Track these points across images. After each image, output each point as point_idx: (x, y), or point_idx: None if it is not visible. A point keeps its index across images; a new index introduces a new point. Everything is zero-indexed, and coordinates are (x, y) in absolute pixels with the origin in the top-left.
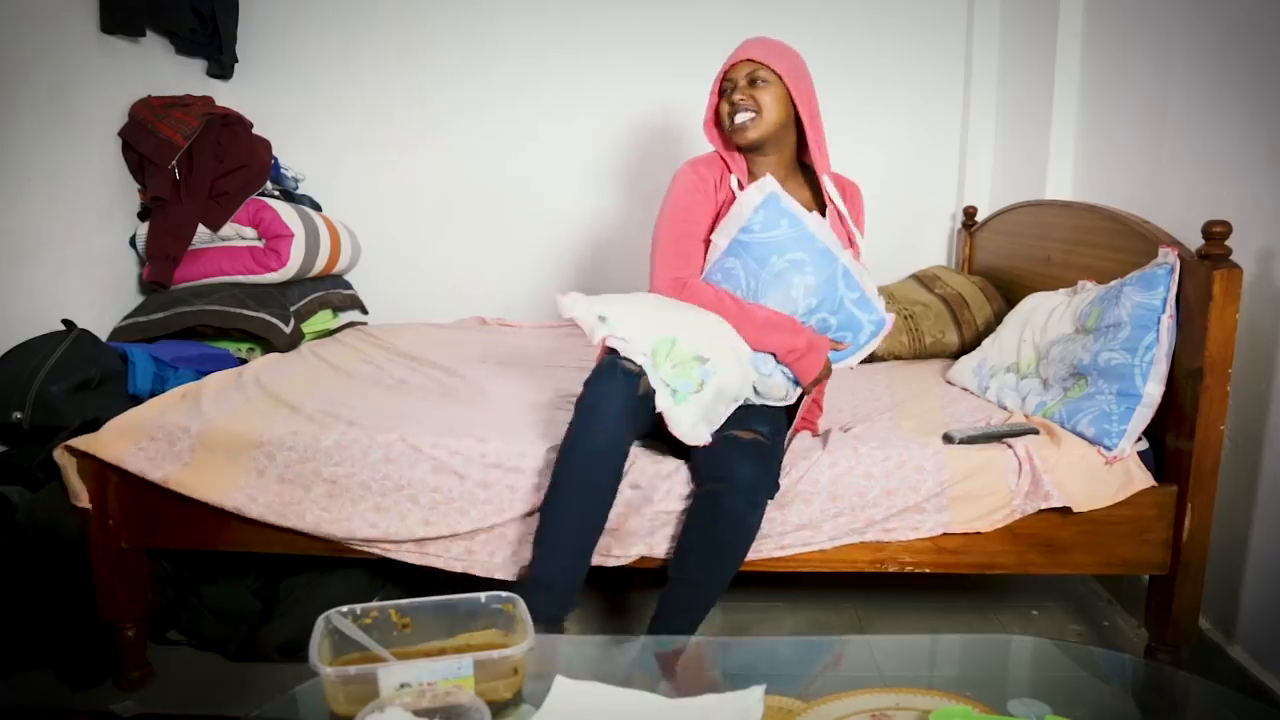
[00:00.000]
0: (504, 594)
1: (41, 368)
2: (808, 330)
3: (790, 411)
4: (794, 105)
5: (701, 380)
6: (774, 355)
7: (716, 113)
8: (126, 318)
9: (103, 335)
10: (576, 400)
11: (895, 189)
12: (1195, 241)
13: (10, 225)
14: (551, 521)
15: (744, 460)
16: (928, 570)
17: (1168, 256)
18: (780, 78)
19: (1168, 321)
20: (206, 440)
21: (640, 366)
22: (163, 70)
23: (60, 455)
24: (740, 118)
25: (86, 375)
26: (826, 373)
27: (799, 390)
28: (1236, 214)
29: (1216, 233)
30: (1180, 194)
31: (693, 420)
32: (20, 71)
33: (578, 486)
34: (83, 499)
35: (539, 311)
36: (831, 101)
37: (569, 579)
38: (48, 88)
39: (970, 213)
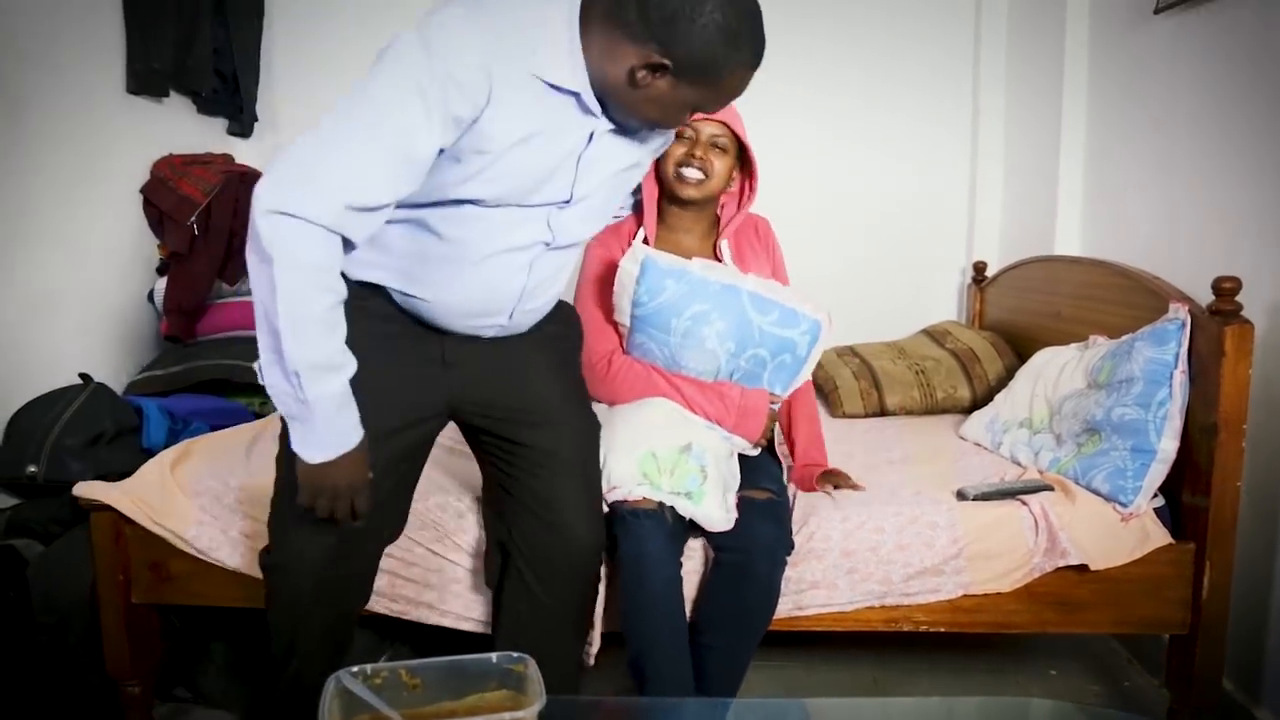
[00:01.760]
0: (515, 654)
1: (57, 422)
2: (735, 393)
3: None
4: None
5: (701, 467)
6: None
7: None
8: (142, 371)
9: (121, 389)
10: (620, 554)
11: (905, 244)
12: (1205, 297)
13: (34, 280)
14: (651, 663)
15: (763, 522)
16: (943, 630)
17: (1178, 312)
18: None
19: (1180, 377)
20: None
21: (651, 502)
22: (185, 129)
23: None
24: (690, 173)
25: (101, 429)
26: (772, 420)
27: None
28: (1246, 269)
29: (1226, 288)
30: (1189, 249)
31: (719, 508)
32: (48, 131)
33: (654, 624)
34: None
35: None
36: (839, 154)
37: (685, 688)
38: (74, 147)
39: (980, 268)
